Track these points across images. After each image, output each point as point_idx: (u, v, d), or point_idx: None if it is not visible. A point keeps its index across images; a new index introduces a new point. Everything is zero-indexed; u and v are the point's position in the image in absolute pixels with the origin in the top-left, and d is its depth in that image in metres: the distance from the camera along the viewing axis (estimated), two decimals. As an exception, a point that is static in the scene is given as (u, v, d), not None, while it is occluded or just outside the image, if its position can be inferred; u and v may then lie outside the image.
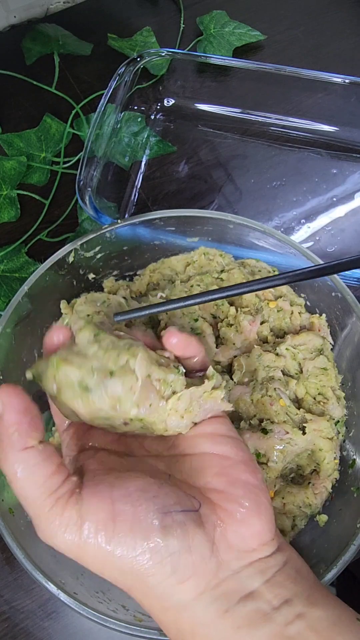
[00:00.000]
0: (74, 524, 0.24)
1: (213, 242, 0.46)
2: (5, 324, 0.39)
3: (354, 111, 0.59)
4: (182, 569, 0.25)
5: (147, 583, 0.24)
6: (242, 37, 0.66)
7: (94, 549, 0.24)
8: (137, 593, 0.25)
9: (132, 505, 0.25)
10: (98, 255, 0.44)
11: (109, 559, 0.24)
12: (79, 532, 0.24)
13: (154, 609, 0.26)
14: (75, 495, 0.25)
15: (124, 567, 0.24)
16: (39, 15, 0.70)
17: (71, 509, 0.24)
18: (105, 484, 0.26)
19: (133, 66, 0.58)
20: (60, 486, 0.25)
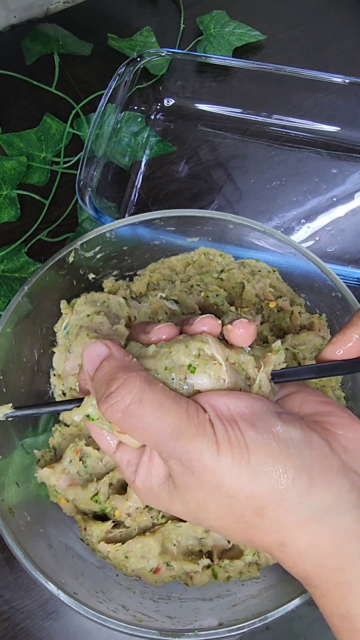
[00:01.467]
0: (209, 424, 0.25)
1: (213, 242, 0.46)
2: (5, 324, 0.39)
3: (354, 111, 0.59)
4: (309, 462, 0.24)
5: (282, 485, 0.24)
6: (242, 37, 0.66)
7: (231, 455, 0.24)
8: (274, 509, 0.25)
9: (246, 407, 0.26)
10: (98, 255, 0.44)
11: (244, 462, 0.24)
12: (213, 431, 0.25)
13: (291, 528, 0.25)
14: (194, 401, 0.26)
15: (259, 469, 0.24)
16: (39, 15, 0.70)
17: (201, 412, 0.25)
18: (215, 395, 0.27)
19: (133, 66, 0.58)
20: (180, 396, 0.26)
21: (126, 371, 0.26)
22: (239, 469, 0.24)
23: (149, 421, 0.25)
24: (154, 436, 0.25)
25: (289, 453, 0.24)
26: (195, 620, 0.35)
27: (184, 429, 0.25)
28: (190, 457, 0.25)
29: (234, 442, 0.24)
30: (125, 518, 0.39)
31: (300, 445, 0.25)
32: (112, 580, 0.39)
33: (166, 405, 0.25)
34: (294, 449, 0.24)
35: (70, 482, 0.40)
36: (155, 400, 0.25)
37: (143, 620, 0.35)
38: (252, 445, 0.24)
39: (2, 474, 0.38)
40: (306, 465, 0.24)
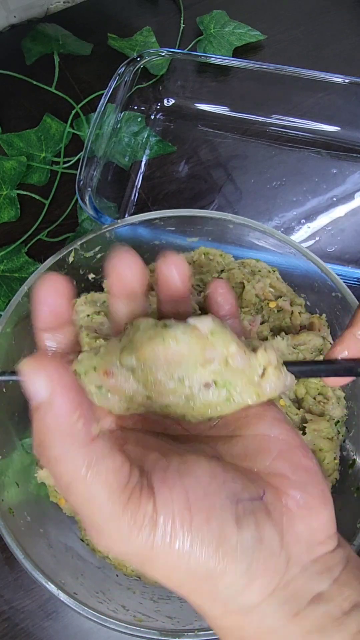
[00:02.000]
0: (150, 520, 0.21)
1: (213, 242, 0.46)
2: (5, 324, 0.39)
3: (354, 111, 0.59)
4: (254, 567, 0.22)
5: (216, 585, 0.22)
6: (242, 37, 0.66)
7: (168, 549, 0.21)
8: (200, 597, 0.23)
9: (204, 494, 0.22)
10: (98, 255, 0.44)
11: (182, 559, 0.21)
12: (154, 529, 0.21)
13: (214, 614, 0.24)
14: (146, 488, 0.21)
15: (197, 567, 0.21)
16: (39, 15, 0.70)
17: (146, 504, 0.21)
18: (172, 470, 0.22)
19: (133, 66, 0.58)
20: (129, 478, 0.21)
21: (61, 447, 0.20)
22: (173, 564, 0.21)
23: (77, 508, 0.21)
24: (82, 523, 0.22)
25: (235, 557, 0.22)
26: (196, 620, 0.35)
27: (108, 531, 0.21)
28: (114, 552, 0.22)
29: (179, 541, 0.21)
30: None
31: (249, 550, 0.22)
32: (112, 580, 0.39)
33: (97, 503, 0.21)
34: (241, 555, 0.22)
35: (70, 482, 0.40)
36: (85, 494, 0.21)
37: (143, 621, 0.35)
38: (198, 547, 0.21)
39: (2, 474, 0.38)
40: (250, 569, 0.22)
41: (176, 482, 0.22)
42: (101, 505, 0.20)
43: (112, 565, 0.39)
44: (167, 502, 0.21)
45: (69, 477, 0.20)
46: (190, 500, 0.22)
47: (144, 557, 0.21)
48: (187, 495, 0.22)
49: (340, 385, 0.28)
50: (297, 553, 0.23)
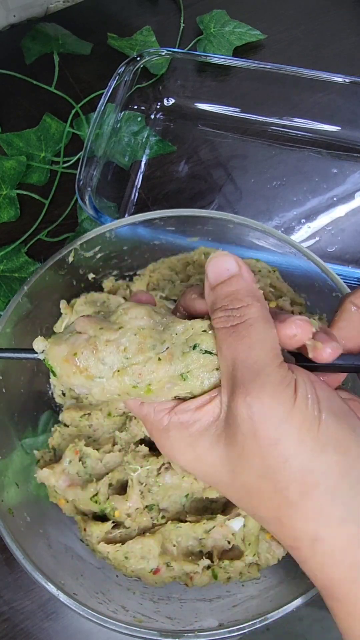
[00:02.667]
0: (294, 382, 0.24)
1: (213, 241, 0.46)
2: (5, 324, 0.39)
3: (354, 110, 0.59)
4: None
5: (345, 461, 0.23)
6: (242, 36, 0.66)
7: (304, 412, 0.23)
8: (320, 496, 0.23)
9: (322, 383, 0.26)
10: (98, 255, 0.44)
11: (312, 429, 0.23)
12: (295, 390, 0.24)
13: (330, 525, 0.23)
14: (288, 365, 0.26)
15: (324, 441, 0.23)
16: (38, 14, 0.70)
17: (292, 372, 0.25)
18: (300, 367, 0.27)
19: (133, 65, 0.58)
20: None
21: (252, 298, 0.26)
22: (305, 434, 0.23)
23: (243, 348, 0.25)
24: (240, 361, 0.25)
25: (356, 441, 0.23)
26: (196, 621, 0.35)
27: (268, 370, 0.24)
28: (260, 399, 0.23)
29: (310, 407, 0.24)
30: (125, 518, 0.39)
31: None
32: (112, 580, 0.39)
33: (268, 345, 0.25)
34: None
35: (70, 483, 0.40)
36: (262, 334, 0.25)
37: (143, 621, 0.35)
38: (326, 415, 0.24)
39: (2, 474, 0.38)
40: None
41: (301, 369, 0.26)
42: (269, 349, 0.25)
43: (112, 565, 0.39)
44: (301, 377, 0.25)
45: (254, 320, 0.25)
46: (315, 383, 0.25)
47: (285, 414, 0.23)
48: (310, 378, 0.25)
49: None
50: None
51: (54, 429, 0.44)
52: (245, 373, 0.24)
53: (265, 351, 0.25)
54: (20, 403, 0.42)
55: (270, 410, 0.23)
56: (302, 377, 0.25)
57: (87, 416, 0.43)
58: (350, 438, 0.24)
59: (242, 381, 0.24)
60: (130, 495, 0.39)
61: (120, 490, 0.40)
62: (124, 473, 0.40)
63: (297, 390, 0.24)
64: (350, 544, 0.23)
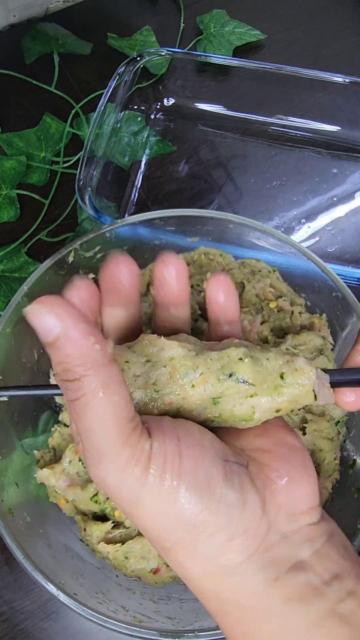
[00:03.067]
0: (146, 457, 0.22)
1: (213, 241, 0.46)
2: (5, 324, 0.39)
3: (354, 110, 0.59)
4: (235, 524, 0.23)
5: (198, 537, 0.23)
6: (242, 36, 0.66)
7: (157, 490, 0.22)
8: (181, 553, 0.24)
9: (195, 445, 0.24)
10: (98, 255, 0.44)
11: (168, 501, 0.22)
12: (147, 466, 0.22)
13: (195, 575, 0.24)
14: (145, 429, 0.23)
15: (181, 513, 0.22)
16: (38, 14, 0.70)
17: (145, 442, 0.23)
18: (166, 423, 0.24)
19: (133, 65, 0.58)
20: (134, 414, 0.23)
21: (83, 367, 0.22)
22: (161, 509, 0.22)
23: (83, 428, 0.22)
24: (82, 440, 0.23)
25: (217, 510, 0.23)
26: (196, 621, 0.35)
27: (110, 455, 0.22)
28: (106, 482, 0.23)
29: (167, 479, 0.22)
30: (125, 518, 0.39)
31: (232, 507, 0.23)
32: (112, 580, 0.39)
33: (107, 423, 0.22)
34: (224, 508, 0.23)
35: (70, 483, 0.40)
36: (100, 411, 0.22)
37: (143, 621, 0.35)
38: (184, 490, 0.22)
39: (2, 474, 0.38)
40: (230, 525, 0.23)
41: (170, 430, 0.24)
42: (110, 429, 0.22)
43: (112, 565, 0.39)
44: (161, 444, 0.23)
45: (88, 397, 0.22)
46: (182, 446, 0.23)
47: (134, 495, 0.22)
48: (179, 442, 0.23)
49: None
50: (278, 521, 0.24)
51: (54, 429, 0.44)
52: (90, 455, 0.23)
53: (106, 430, 0.22)
54: (20, 403, 0.42)
55: (121, 491, 0.23)
56: (164, 447, 0.23)
57: (87, 416, 0.43)
58: (211, 510, 0.23)
59: (89, 463, 0.23)
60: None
61: (120, 490, 0.40)
62: (124, 473, 0.40)
63: (150, 465, 0.22)
64: (215, 590, 0.24)
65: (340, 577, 0.24)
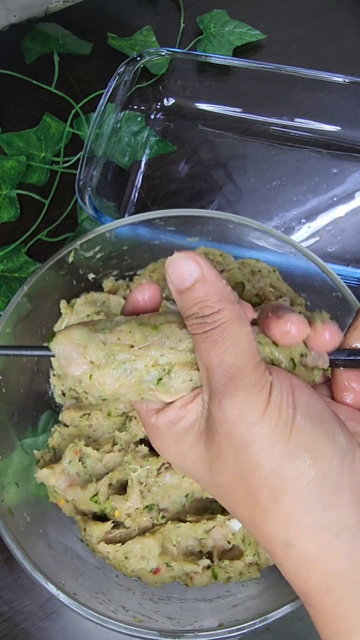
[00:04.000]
0: (269, 385, 0.24)
1: (213, 241, 0.46)
2: (5, 324, 0.39)
3: (354, 110, 0.59)
4: (346, 475, 0.23)
5: (310, 478, 0.22)
6: (243, 36, 0.66)
7: (275, 420, 0.23)
8: (293, 498, 0.23)
9: (304, 387, 0.25)
10: (98, 255, 0.44)
11: (284, 435, 0.23)
12: (269, 394, 0.23)
13: (301, 531, 0.23)
14: (267, 366, 0.25)
15: (295, 447, 0.22)
16: (38, 14, 0.70)
17: (268, 374, 0.24)
18: (282, 369, 0.26)
19: (133, 65, 0.58)
20: (259, 352, 0.25)
21: (221, 302, 0.25)
22: (276, 438, 0.23)
23: (217, 353, 0.24)
24: (214, 365, 0.24)
25: (332, 450, 0.23)
26: (196, 621, 0.35)
27: (243, 374, 0.24)
28: (233, 402, 0.23)
29: (284, 411, 0.23)
30: (125, 518, 0.39)
31: (344, 451, 0.23)
32: (112, 580, 0.39)
33: (242, 347, 0.24)
34: (338, 450, 0.23)
35: (70, 483, 0.40)
36: (235, 337, 0.24)
37: (143, 621, 0.35)
38: (299, 422, 0.23)
39: (2, 474, 0.38)
40: (342, 471, 0.23)
41: (282, 371, 0.25)
42: (245, 350, 0.24)
43: (112, 565, 0.39)
44: (278, 379, 0.24)
45: (226, 324, 0.25)
46: (293, 384, 0.25)
47: (253, 423, 0.23)
48: (291, 381, 0.25)
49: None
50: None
51: (53, 429, 0.44)
52: (220, 377, 0.24)
53: (240, 354, 0.24)
54: (20, 403, 0.42)
55: (243, 414, 0.23)
56: (280, 380, 0.25)
57: (87, 416, 0.43)
58: (325, 446, 0.23)
59: (217, 385, 0.24)
60: (130, 495, 0.39)
61: (120, 490, 0.40)
62: (123, 473, 0.40)
63: (271, 394, 0.24)
64: (322, 553, 0.23)
65: None
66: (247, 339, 0.25)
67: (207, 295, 0.25)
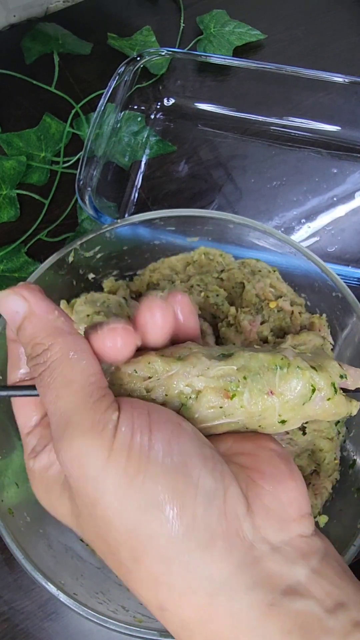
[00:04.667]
0: (112, 426, 0.20)
1: (213, 241, 0.46)
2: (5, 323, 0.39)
3: (354, 110, 0.59)
4: (216, 519, 0.20)
5: (173, 534, 0.19)
6: (242, 36, 0.66)
7: (124, 466, 0.20)
8: (157, 560, 0.20)
9: (168, 421, 0.21)
10: (98, 255, 0.44)
11: (137, 483, 0.19)
12: (113, 436, 0.20)
13: (174, 596, 0.20)
14: (113, 401, 0.22)
15: (151, 498, 0.19)
16: (38, 14, 0.70)
17: (113, 411, 0.21)
18: (137, 400, 0.23)
19: (133, 65, 0.58)
20: (106, 386, 0.22)
21: (50, 336, 0.22)
22: (125, 490, 0.19)
23: (51, 397, 0.21)
24: (50, 413, 0.21)
25: (194, 495, 0.19)
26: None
27: (77, 418, 0.20)
28: (70, 454, 0.20)
29: (135, 454, 0.20)
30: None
31: (211, 496, 0.20)
32: (111, 580, 0.39)
33: (74, 387, 0.21)
34: (202, 494, 0.20)
35: (70, 483, 0.40)
36: (67, 375, 0.21)
37: (143, 621, 0.35)
38: (152, 467, 0.19)
39: (2, 474, 0.38)
40: (209, 518, 0.19)
41: (140, 404, 0.22)
42: (77, 391, 0.21)
43: (112, 565, 0.39)
44: (128, 415, 0.21)
45: (56, 362, 0.22)
46: (152, 420, 0.21)
47: (98, 472, 0.20)
48: (149, 416, 0.21)
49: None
50: (265, 527, 0.21)
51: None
52: (56, 427, 0.21)
53: (72, 395, 0.21)
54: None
55: (83, 467, 0.20)
56: (133, 416, 0.21)
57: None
58: (186, 493, 0.19)
59: (55, 436, 0.21)
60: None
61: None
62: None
63: (116, 435, 0.20)
64: (201, 617, 0.20)
65: (344, 605, 0.20)
66: (82, 374, 0.21)
67: (36, 332, 0.23)
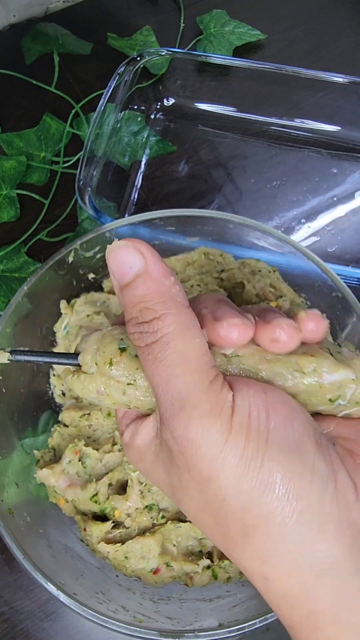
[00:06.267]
0: (228, 407, 0.20)
1: (213, 241, 0.46)
2: (5, 324, 0.39)
3: (354, 110, 0.59)
4: (328, 503, 0.19)
5: (287, 514, 0.19)
6: (243, 36, 0.66)
7: (242, 447, 0.19)
8: (267, 535, 0.20)
9: (284, 403, 0.21)
10: (98, 255, 0.44)
11: (255, 464, 0.19)
12: (231, 419, 0.20)
13: (279, 571, 0.20)
14: (226, 383, 0.21)
15: (269, 479, 0.19)
16: (38, 14, 0.70)
17: (227, 392, 0.20)
18: (255, 381, 0.22)
19: (133, 65, 0.58)
20: (214, 364, 0.21)
21: (164, 304, 0.21)
22: (244, 470, 0.19)
23: (162, 374, 0.21)
24: (161, 391, 0.21)
25: (311, 481, 0.19)
26: (196, 621, 0.35)
27: (194, 401, 0.20)
28: (186, 435, 0.20)
29: (254, 434, 0.19)
30: (125, 518, 0.39)
31: (325, 480, 0.20)
32: (111, 580, 0.39)
33: (190, 366, 0.20)
34: (317, 480, 0.20)
35: (70, 483, 0.40)
36: (182, 353, 0.20)
37: (143, 621, 0.35)
38: (273, 446, 0.19)
39: (2, 474, 0.38)
40: (323, 503, 0.19)
41: (256, 384, 0.21)
42: (193, 371, 0.20)
43: (112, 565, 0.39)
44: (244, 397, 0.20)
45: (170, 336, 0.20)
46: (268, 401, 0.20)
47: (216, 452, 0.19)
48: (265, 396, 0.21)
49: None
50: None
51: (53, 429, 0.44)
52: (168, 407, 0.21)
53: (188, 376, 0.20)
54: (20, 403, 0.42)
55: (201, 448, 0.20)
56: (249, 398, 0.21)
57: (86, 416, 0.43)
58: (303, 478, 0.19)
59: (166, 416, 0.21)
60: (130, 495, 0.39)
61: (120, 490, 0.40)
62: (123, 473, 0.40)
63: (234, 417, 0.20)
64: (305, 592, 0.20)
65: None
66: (197, 354, 0.21)
67: (148, 294, 0.21)
